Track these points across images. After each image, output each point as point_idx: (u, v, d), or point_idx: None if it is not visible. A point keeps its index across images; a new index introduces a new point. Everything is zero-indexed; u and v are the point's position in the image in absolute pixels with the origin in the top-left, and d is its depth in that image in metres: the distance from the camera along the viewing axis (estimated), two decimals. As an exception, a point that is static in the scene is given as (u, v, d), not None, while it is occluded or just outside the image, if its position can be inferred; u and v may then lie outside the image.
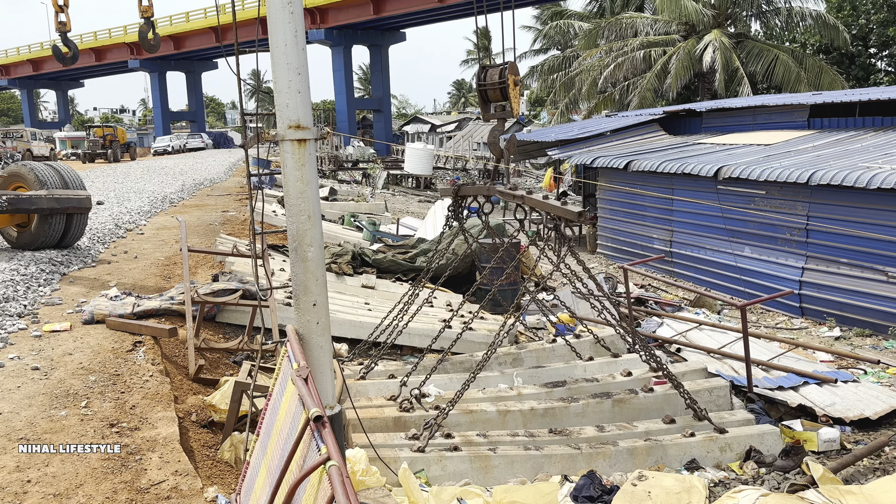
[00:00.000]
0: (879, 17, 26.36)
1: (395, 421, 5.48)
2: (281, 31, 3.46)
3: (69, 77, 76.82)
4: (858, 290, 9.58)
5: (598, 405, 5.70)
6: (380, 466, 4.61)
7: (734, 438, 5.35)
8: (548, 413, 5.61)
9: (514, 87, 5.93)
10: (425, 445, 4.89)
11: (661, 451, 5.21)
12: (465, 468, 4.88)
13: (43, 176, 9.90)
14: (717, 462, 5.32)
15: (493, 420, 5.49)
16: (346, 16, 49.22)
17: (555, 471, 5.05)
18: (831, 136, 13.10)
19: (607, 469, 5.13)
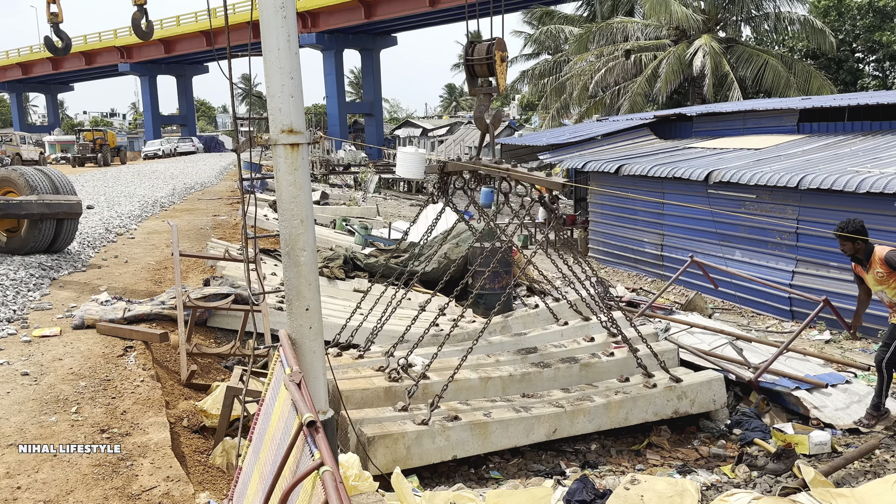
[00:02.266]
0: (866, 23, 26.58)
1: (385, 391, 5.59)
2: (274, 36, 3.46)
3: (59, 81, 76.46)
4: (848, 293, 9.62)
5: (567, 370, 6.18)
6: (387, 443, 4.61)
7: (688, 386, 5.98)
8: (524, 378, 5.97)
9: (500, 63, 5.93)
10: (429, 419, 4.95)
11: (632, 402, 5.72)
12: (467, 436, 5.01)
13: (33, 181, 9.84)
14: (676, 409, 5.89)
15: (475, 387, 5.74)
16: (338, 20, 49.24)
17: (543, 430, 5.35)
18: (821, 141, 13.19)
19: (586, 424, 5.56)
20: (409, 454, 4.78)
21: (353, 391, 5.42)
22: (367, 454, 4.68)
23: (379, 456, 4.71)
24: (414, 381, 5.55)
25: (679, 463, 5.70)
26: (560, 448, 5.97)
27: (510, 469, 5.60)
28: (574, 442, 6.13)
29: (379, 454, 4.70)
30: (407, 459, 4.81)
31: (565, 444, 6.05)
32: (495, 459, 5.79)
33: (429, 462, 5.05)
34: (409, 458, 4.82)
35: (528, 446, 5.99)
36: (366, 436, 4.68)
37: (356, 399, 5.41)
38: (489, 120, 6.32)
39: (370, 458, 4.68)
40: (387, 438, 4.68)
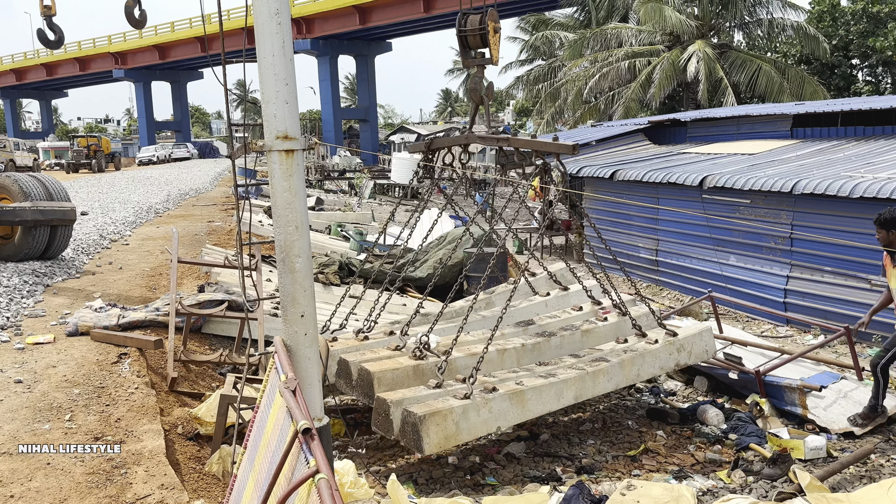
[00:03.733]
0: (859, 28, 26.73)
1: (413, 370, 5.56)
2: (268, 42, 3.46)
3: (53, 87, 76.35)
4: (842, 297, 9.67)
5: (570, 336, 6.37)
6: (438, 420, 4.61)
7: (684, 339, 6.30)
8: (535, 348, 6.12)
9: (493, 34, 5.87)
10: (471, 392, 4.95)
11: (641, 359, 5.98)
12: (506, 406, 5.03)
13: (27, 187, 9.81)
14: (677, 362, 6.22)
15: (493, 360, 5.78)
16: (333, 26, 49.32)
17: (571, 393, 5.48)
18: (814, 146, 13.25)
19: (606, 384, 5.73)
20: (458, 430, 4.75)
21: (384, 372, 5.37)
22: (420, 434, 4.61)
23: (431, 434, 4.63)
24: (440, 358, 5.51)
25: (675, 468, 5.69)
26: (556, 453, 5.96)
27: (506, 475, 5.59)
28: (570, 447, 6.13)
29: (431, 433, 4.62)
30: (457, 435, 4.77)
31: (561, 450, 6.05)
32: (490, 465, 5.78)
33: (475, 436, 5.05)
34: (459, 433, 4.78)
35: (525, 453, 5.99)
36: (416, 416, 4.60)
37: (388, 380, 5.36)
38: (483, 92, 6.23)
39: (423, 438, 4.60)
40: (437, 416, 4.63)
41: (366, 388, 5.37)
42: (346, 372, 5.62)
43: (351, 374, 5.54)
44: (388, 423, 4.86)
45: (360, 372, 5.42)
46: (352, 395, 5.66)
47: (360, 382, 5.45)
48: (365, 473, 5.20)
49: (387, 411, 4.87)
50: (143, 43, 60.00)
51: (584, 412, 6.99)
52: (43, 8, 9.88)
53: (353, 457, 5.75)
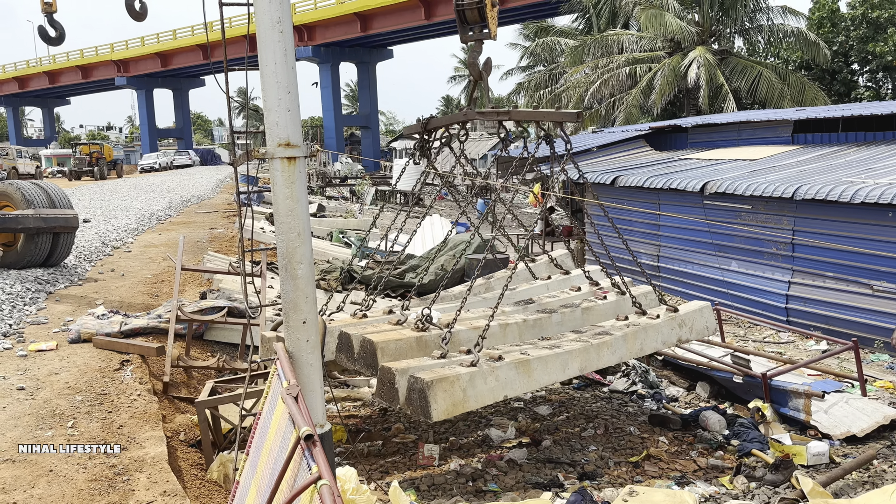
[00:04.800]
0: (859, 34, 26.77)
1: (416, 341, 5.55)
2: (270, 50, 3.48)
3: (55, 95, 76.59)
4: (844, 303, 9.66)
5: (571, 313, 6.39)
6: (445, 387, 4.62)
7: (686, 315, 6.34)
8: (537, 324, 6.13)
9: (491, 8, 5.81)
10: (477, 360, 4.95)
11: (644, 333, 6.01)
12: (513, 375, 5.03)
13: (30, 195, 9.85)
14: (679, 337, 6.24)
15: (496, 334, 5.78)
16: (334, 33, 49.45)
17: (576, 364, 5.48)
18: (815, 152, 13.26)
19: (610, 357, 5.73)
20: (465, 397, 4.73)
21: (387, 342, 5.34)
22: (428, 400, 4.58)
23: (439, 401, 4.61)
24: (443, 330, 5.50)
25: (677, 474, 5.69)
26: (558, 460, 5.96)
27: (508, 481, 5.58)
28: (572, 453, 6.13)
29: (439, 399, 4.60)
30: (464, 402, 4.75)
31: (563, 456, 6.05)
32: (492, 471, 5.77)
33: (483, 403, 5.02)
34: (466, 400, 4.76)
35: (527, 459, 5.99)
36: (424, 381, 4.57)
37: (391, 350, 5.33)
38: (482, 67, 6.17)
39: (431, 405, 4.59)
40: (444, 382, 4.61)
41: (369, 359, 5.32)
42: (347, 345, 5.56)
43: (353, 347, 5.49)
44: (392, 393, 4.81)
45: (363, 343, 5.38)
46: (353, 367, 5.58)
47: (363, 354, 5.40)
48: (367, 480, 5.21)
49: (391, 380, 4.83)
50: (145, 51, 60.22)
51: (586, 418, 6.99)
52: (44, 5, 9.88)
53: (355, 463, 5.75)
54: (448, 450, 6.25)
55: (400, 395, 4.75)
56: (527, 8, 40.89)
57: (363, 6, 46.31)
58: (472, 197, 17.10)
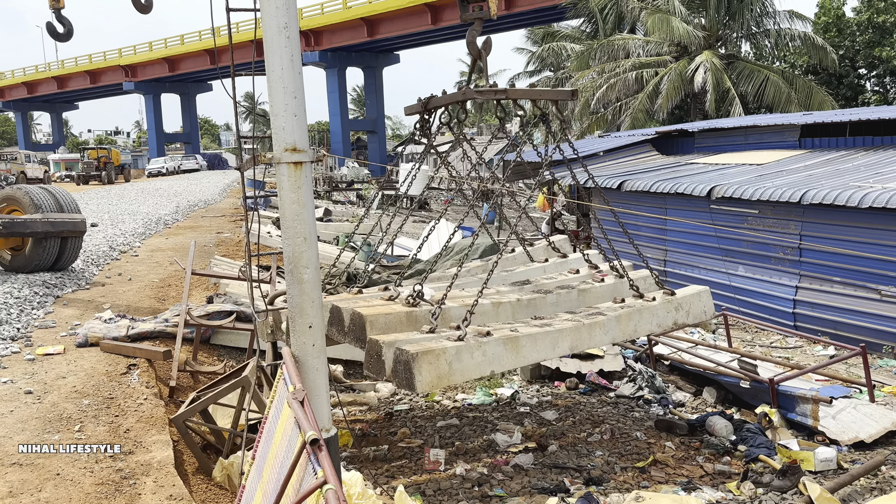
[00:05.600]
0: (865, 38, 26.70)
1: (406, 316, 5.53)
2: (277, 56, 3.50)
3: (64, 99, 77.04)
4: (852, 308, 9.62)
5: (567, 294, 6.33)
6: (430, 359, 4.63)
7: (683, 298, 6.24)
8: (531, 304, 6.08)
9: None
10: (464, 334, 4.92)
11: (638, 315, 5.93)
12: (501, 350, 5.02)
13: (38, 199, 9.90)
14: (675, 321, 6.15)
15: (488, 312, 5.78)
16: (341, 38, 49.61)
17: (567, 343, 5.42)
18: (823, 156, 13.22)
19: (602, 337, 5.66)
20: (451, 370, 4.73)
21: (376, 316, 5.34)
22: (413, 372, 4.59)
23: (423, 373, 4.60)
24: (432, 306, 5.50)
25: (684, 480, 5.67)
26: (564, 465, 5.94)
27: (513, 486, 5.58)
28: (578, 458, 6.11)
29: (423, 371, 4.59)
30: (450, 376, 4.75)
31: (569, 461, 6.03)
32: (498, 476, 5.77)
33: (468, 377, 5.02)
34: (452, 374, 4.76)
35: (533, 464, 5.98)
36: (409, 353, 4.58)
37: (380, 324, 5.32)
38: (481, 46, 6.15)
39: (415, 376, 4.58)
40: (429, 354, 4.62)
41: (358, 332, 5.34)
42: (338, 319, 5.58)
43: (343, 321, 5.51)
44: (379, 365, 4.82)
45: (353, 316, 5.39)
46: (343, 341, 5.58)
47: (353, 327, 5.42)
48: (372, 485, 5.21)
49: (379, 352, 4.84)
50: (153, 56, 60.55)
51: (592, 423, 6.98)
52: (52, 1, 9.91)
53: (361, 468, 5.76)
54: (454, 454, 6.24)
55: (386, 368, 4.75)
56: (533, 12, 40.95)
57: (370, 11, 46.47)
58: (477, 200, 17.06)
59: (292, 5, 3.51)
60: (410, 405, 7.60)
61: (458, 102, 6.26)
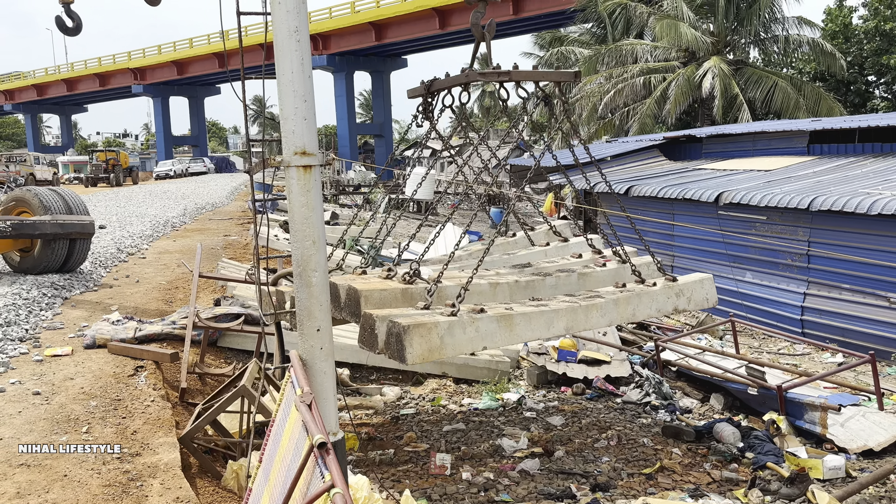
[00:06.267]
0: (873, 46, 26.59)
1: (402, 292, 5.55)
2: (287, 59, 3.51)
3: (73, 102, 77.47)
4: (860, 315, 9.57)
5: (567, 278, 6.32)
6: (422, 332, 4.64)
7: (684, 284, 6.21)
8: (529, 286, 6.07)
9: None
10: (457, 310, 4.93)
11: (637, 299, 5.90)
12: (494, 327, 5.03)
13: (47, 201, 9.95)
14: (675, 306, 6.10)
15: (485, 292, 5.80)
16: (349, 42, 49.73)
17: (562, 323, 5.39)
18: (831, 162, 13.17)
19: (599, 319, 5.62)
20: (442, 344, 4.75)
21: (371, 291, 5.36)
22: (404, 344, 4.60)
23: (415, 346, 4.63)
24: (429, 283, 5.50)
25: (691, 487, 5.64)
26: (571, 471, 5.93)
27: (520, 492, 5.56)
28: (585, 464, 6.10)
29: (415, 344, 4.62)
30: (441, 349, 4.76)
31: (576, 467, 6.01)
32: (504, 482, 5.75)
33: (460, 352, 5.02)
34: (443, 347, 4.77)
35: (539, 470, 5.96)
36: (401, 325, 4.60)
37: (375, 299, 5.35)
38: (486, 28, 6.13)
39: (406, 348, 4.59)
40: (421, 328, 4.63)
41: (353, 307, 5.36)
42: (335, 295, 5.59)
43: (339, 296, 5.53)
44: (373, 338, 4.84)
45: (348, 291, 5.41)
46: (340, 316, 5.61)
47: (348, 302, 5.44)
48: (378, 489, 5.20)
49: (372, 326, 4.85)
50: (162, 59, 60.82)
51: (599, 429, 6.96)
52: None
53: (367, 472, 5.75)
54: (460, 459, 6.23)
55: (379, 341, 4.76)
56: (541, 17, 40.96)
57: (378, 15, 46.58)
58: (486, 204, 17.07)
59: (303, 10, 3.52)
60: (417, 409, 7.60)
61: (461, 84, 6.26)
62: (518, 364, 8.97)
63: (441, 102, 6.47)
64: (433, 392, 8.10)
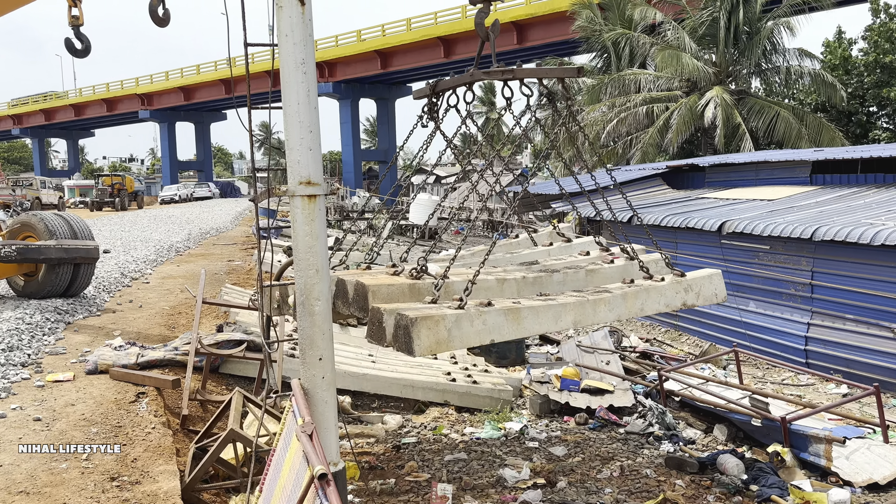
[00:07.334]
0: (873, 79, 26.77)
1: (409, 288, 5.53)
2: (294, 91, 3.56)
3: (80, 126, 78.19)
4: (864, 346, 9.53)
5: (574, 274, 6.30)
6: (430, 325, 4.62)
7: (693, 280, 6.24)
8: (536, 281, 6.06)
9: None
10: (465, 304, 4.92)
11: (645, 294, 5.89)
12: (501, 321, 5.02)
13: (52, 226, 10.01)
14: (684, 301, 6.10)
15: (493, 288, 5.77)
16: (354, 70, 50.28)
17: (570, 317, 5.39)
18: (834, 193, 13.20)
19: (607, 314, 5.62)
20: (450, 336, 4.74)
21: (379, 286, 5.35)
22: (411, 336, 4.58)
23: (422, 337, 4.62)
24: (436, 279, 5.48)
25: (695, 520, 5.58)
26: (573, 502, 5.87)
27: (522, 523, 5.51)
28: (587, 495, 6.04)
29: (422, 336, 4.61)
30: (448, 342, 4.75)
31: (579, 498, 5.96)
32: (507, 513, 5.70)
33: (468, 345, 5.00)
34: (451, 340, 4.77)
35: (541, 501, 5.90)
36: (409, 318, 4.60)
37: (382, 294, 5.33)
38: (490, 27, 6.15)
39: (414, 340, 4.57)
40: (428, 320, 4.63)
41: (361, 301, 5.35)
42: (342, 291, 5.60)
43: (347, 293, 5.53)
44: (381, 332, 4.83)
45: (356, 287, 5.41)
46: (348, 312, 5.59)
47: (356, 297, 5.44)
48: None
49: (380, 320, 4.85)
50: (169, 85, 61.48)
51: (602, 460, 6.90)
52: (71, 18, 10.10)
53: (368, 501, 5.71)
54: (461, 489, 6.18)
55: (387, 334, 4.76)
56: (546, 47, 41.42)
57: (383, 44, 47.15)
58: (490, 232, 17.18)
59: (309, 42, 3.58)
60: (418, 438, 7.55)
61: (466, 84, 6.33)
62: (521, 393, 8.93)
63: (446, 102, 6.55)
64: (435, 420, 8.06)
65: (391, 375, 8.28)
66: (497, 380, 8.74)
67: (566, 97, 5.96)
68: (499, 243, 7.69)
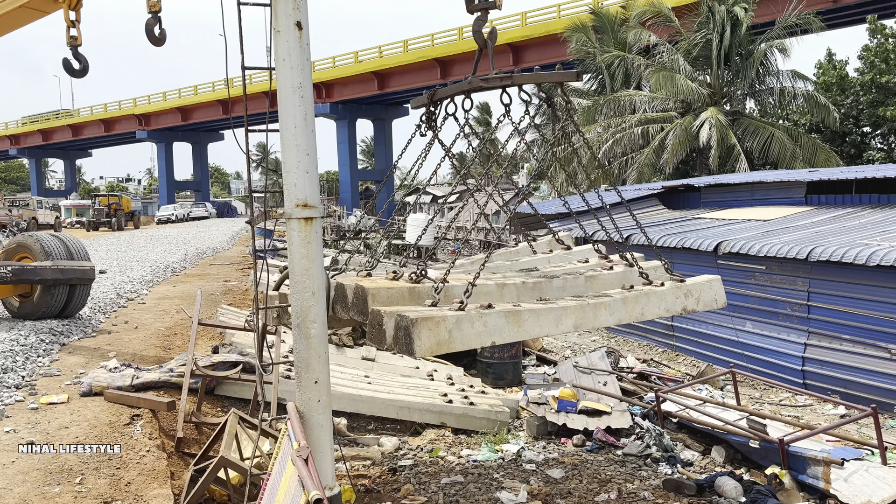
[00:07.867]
0: (869, 98, 27.00)
1: (409, 291, 5.52)
2: (291, 114, 3.58)
3: (78, 147, 78.33)
4: (862, 367, 9.52)
5: (574, 280, 6.31)
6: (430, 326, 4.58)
7: (693, 285, 6.23)
8: (536, 287, 6.06)
9: None
10: (465, 305, 4.90)
11: (646, 298, 5.89)
12: (502, 323, 5.00)
13: (48, 246, 9.99)
14: (684, 307, 6.10)
15: (492, 292, 5.77)
16: (352, 91, 50.56)
17: (571, 321, 5.37)
18: (829, 213, 13.26)
19: (608, 318, 5.62)
20: (450, 337, 4.71)
21: (378, 289, 5.33)
22: (412, 337, 4.54)
23: (423, 338, 4.59)
24: (435, 282, 5.46)
25: (693, 543, 5.54)
26: (570, 526, 5.83)
27: (519, 547, 5.46)
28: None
29: (423, 337, 4.58)
30: (449, 343, 4.72)
31: (576, 522, 5.91)
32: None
33: (468, 346, 4.96)
34: (451, 341, 4.74)
35: None
36: (409, 319, 4.58)
37: (382, 297, 5.31)
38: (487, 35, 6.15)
39: (414, 341, 4.53)
40: (429, 321, 4.60)
41: (361, 305, 5.33)
42: (342, 295, 5.58)
43: (347, 296, 5.51)
44: (381, 334, 4.80)
45: (356, 290, 5.39)
46: (347, 316, 5.57)
47: (356, 301, 5.42)
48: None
49: (380, 322, 4.82)
50: (167, 105, 61.72)
51: (599, 482, 6.86)
52: (70, 38, 10.17)
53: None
54: (458, 513, 6.13)
55: (388, 336, 4.73)
56: (542, 68, 41.70)
57: (381, 65, 47.46)
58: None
59: (307, 66, 3.60)
60: (415, 460, 7.50)
61: (464, 93, 6.34)
62: (518, 414, 8.89)
63: (444, 111, 6.58)
64: (431, 442, 8.01)
65: (387, 397, 8.24)
66: (494, 401, 8.71)
67: (565, 100, 5.99)
68: (498, 251, 7.73)
